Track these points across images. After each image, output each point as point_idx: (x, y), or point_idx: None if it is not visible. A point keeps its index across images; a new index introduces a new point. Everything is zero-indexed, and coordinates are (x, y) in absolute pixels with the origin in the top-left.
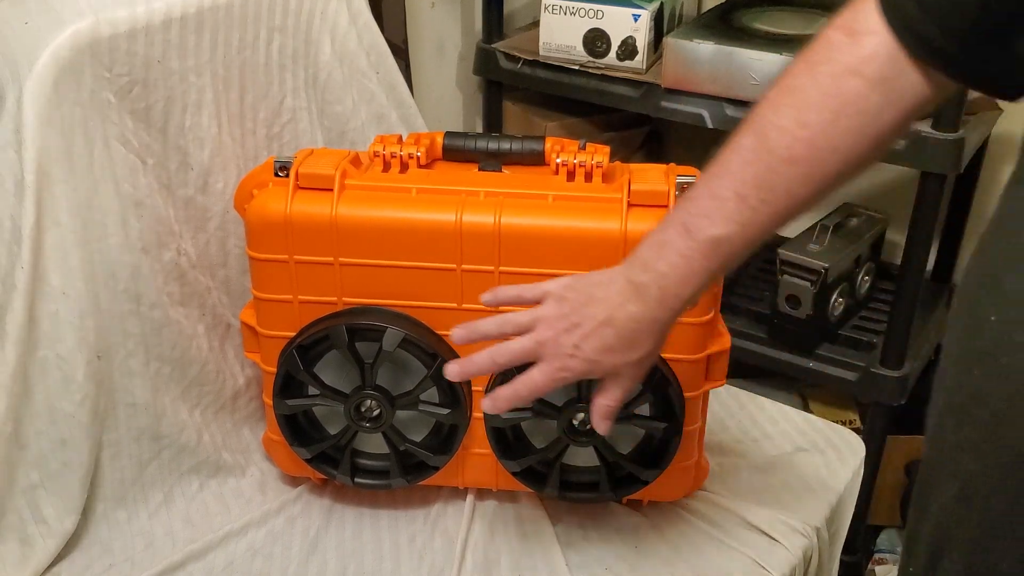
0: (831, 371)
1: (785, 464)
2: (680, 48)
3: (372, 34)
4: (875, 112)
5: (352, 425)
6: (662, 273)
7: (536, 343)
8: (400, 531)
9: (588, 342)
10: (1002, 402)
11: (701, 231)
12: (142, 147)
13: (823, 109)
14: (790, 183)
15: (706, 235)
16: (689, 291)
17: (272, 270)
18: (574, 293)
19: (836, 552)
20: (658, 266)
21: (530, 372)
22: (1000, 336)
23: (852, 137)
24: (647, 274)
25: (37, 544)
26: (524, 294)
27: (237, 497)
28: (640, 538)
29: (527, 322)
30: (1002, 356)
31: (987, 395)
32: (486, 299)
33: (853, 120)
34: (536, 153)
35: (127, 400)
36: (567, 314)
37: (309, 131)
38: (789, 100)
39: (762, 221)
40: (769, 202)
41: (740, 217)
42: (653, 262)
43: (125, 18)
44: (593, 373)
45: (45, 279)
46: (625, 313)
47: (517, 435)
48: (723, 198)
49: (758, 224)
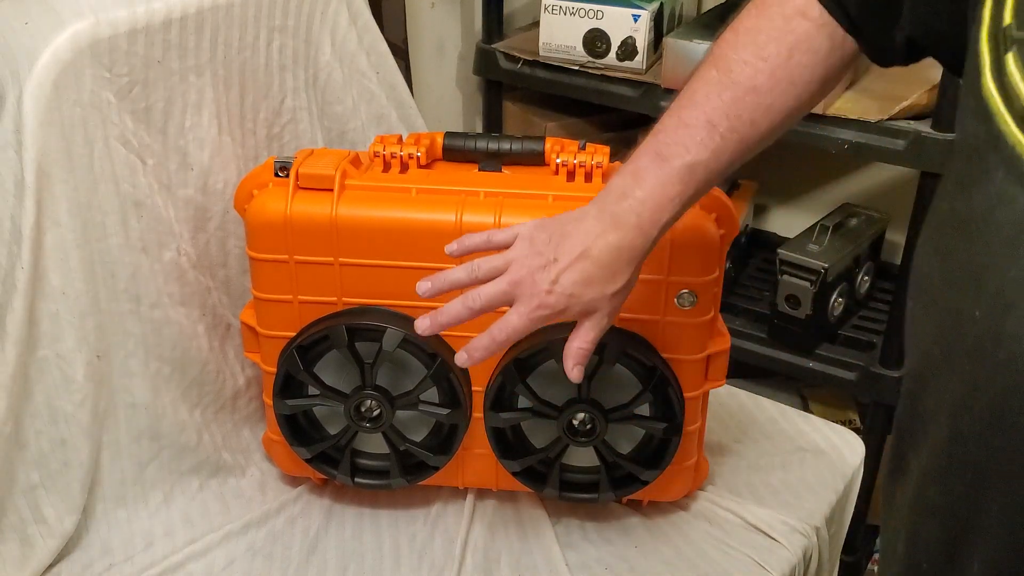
0: (831, 371)
1: (785, 464)
2: (680, 48)
3: (372, 34)
4: (824, 52)
5: (352, 425)
6: (639, 200)
7: (510, 283)
8: (400, 531)
9: (566, 275)
10: (1001, 392)
11: (676, 157)
12: (142, 147)
13: (780, 44)
14: (754, 112)
15: (682, 161)
16: (666, 216)
17: (272, 270)
18: (546, 232)
19: (836, 552)
20: (635, 193)
21: (506, 315)
22: (990, 330)
23: (807, 72)
24: (624, 202)
25: (37, 544)
26: (493, 238)
27: (237, 497)
28: (640, 538)
29: (500, 264)
30: (999, 351)
31: (985, 387)
32: (451, 249)
33: (805, 56)
34: (536, 153)
35: (127, 400)
36: (542, 251)
37: (309, 131)
38: (747, 39)
39: (730, 149)
40: (736, 129)
41: (712, 144)
42: (630, 189)
43: (125, 18)
44: (570, 310)
45: (45, 279)
46: (604, 242)
47: (517, 435)
48: (694, 126)
49: (727, 152)
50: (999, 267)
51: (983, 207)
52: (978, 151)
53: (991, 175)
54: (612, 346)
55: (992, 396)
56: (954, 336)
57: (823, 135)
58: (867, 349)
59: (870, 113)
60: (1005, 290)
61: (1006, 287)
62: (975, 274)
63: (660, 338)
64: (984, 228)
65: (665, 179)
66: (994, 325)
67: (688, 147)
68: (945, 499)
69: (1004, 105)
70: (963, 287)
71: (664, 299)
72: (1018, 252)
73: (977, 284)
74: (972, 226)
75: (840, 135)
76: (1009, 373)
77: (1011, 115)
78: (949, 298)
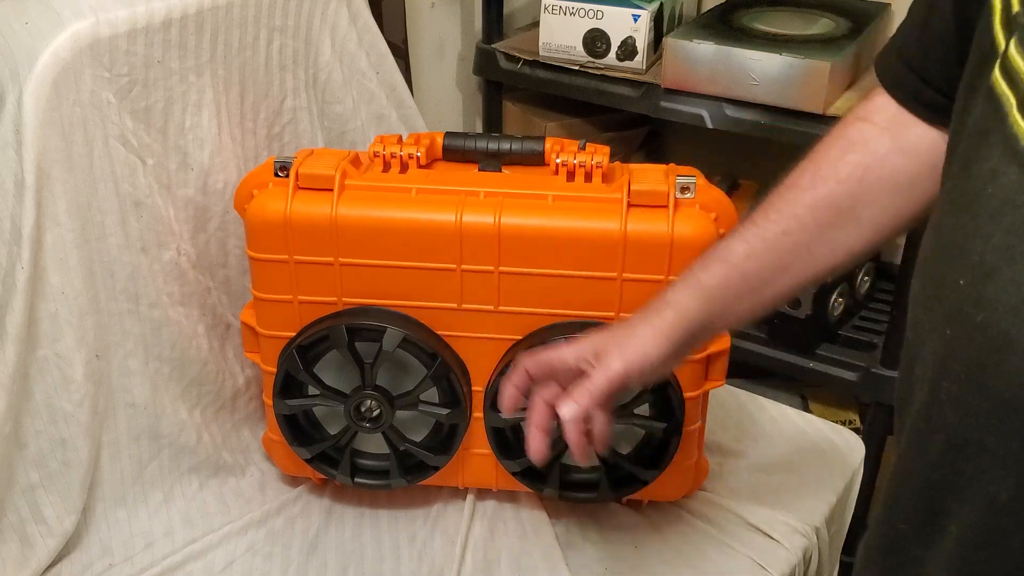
0: (831, 371)
1: (785, 464)
2: (680, 48)
3: (372, 34)
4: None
5: (352, 425)
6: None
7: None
8: (400, 531)
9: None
10: (980, 353)
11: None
12: (142, 147)
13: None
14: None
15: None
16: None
17: (272, 270)
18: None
19: (836, 552)
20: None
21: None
22: (971, 296)
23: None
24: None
25: (37, 544)
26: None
27: (237, 497)
28: (640, 538)
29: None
30: (978, 314)
31: (963, 349)
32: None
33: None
34: (536, 153)
35: (126, 400)
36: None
37: (309, 131)
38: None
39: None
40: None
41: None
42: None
43: (125, 18)
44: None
45: (44, 279)
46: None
47: (517, 435)
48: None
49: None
50: (983, 235)
51: (978, 183)
52: (983, 134)
53: (991, 153)
54: None
55: (968, 359)
56: (938, 302)
57: (823, 135)
58: (867, 349)
59: None
60: (987, 257)
61: (988, 254)
62: (961, 243)
63: None
64: (975, 201)
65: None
66: (975, 291)
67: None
68: (924, 462)
69: (1009, 88)
70: (950, 256)
71: None
72: (1002, 221)
73: (962, 252)
74: (966, 200)
75: None
76: (986, 336)
77: (1015, 97)
78: (937, 267)
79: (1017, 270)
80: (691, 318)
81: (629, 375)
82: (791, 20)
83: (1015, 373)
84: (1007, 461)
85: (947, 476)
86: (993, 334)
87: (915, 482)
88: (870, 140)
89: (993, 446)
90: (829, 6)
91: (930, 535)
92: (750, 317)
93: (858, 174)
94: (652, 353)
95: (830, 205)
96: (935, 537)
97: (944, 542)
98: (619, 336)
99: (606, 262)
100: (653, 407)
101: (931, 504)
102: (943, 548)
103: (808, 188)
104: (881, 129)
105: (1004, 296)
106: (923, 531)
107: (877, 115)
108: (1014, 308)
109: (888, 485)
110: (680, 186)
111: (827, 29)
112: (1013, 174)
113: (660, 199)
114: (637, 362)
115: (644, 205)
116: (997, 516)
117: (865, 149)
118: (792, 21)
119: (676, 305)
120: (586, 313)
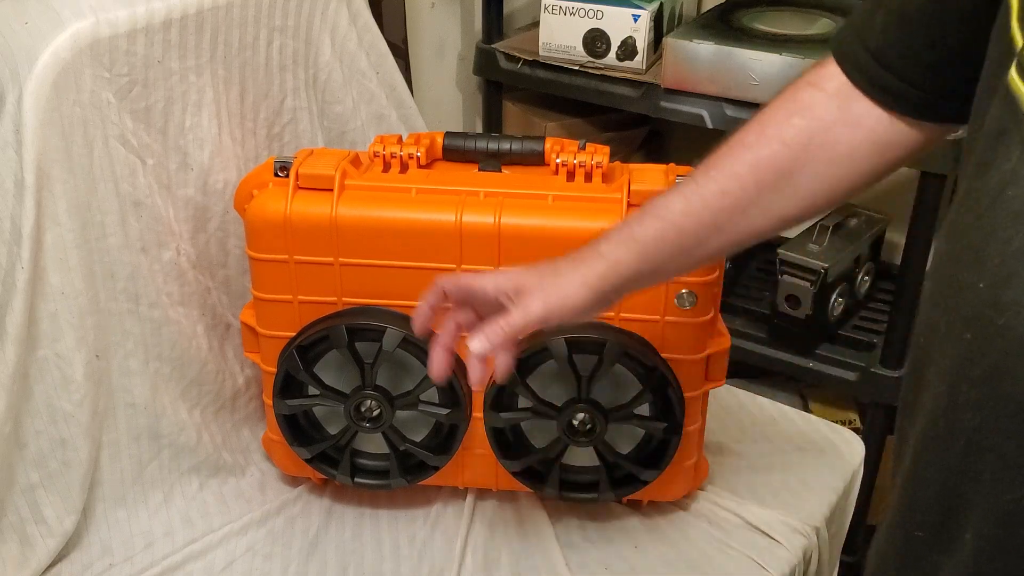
0: (831, 371)
1: (785, 464)
2: (680, 48)
3: (372, 34)
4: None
5: (352, 425)
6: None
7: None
8: (400, 531)
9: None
10: (1000, 357)
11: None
12: (142, 147)
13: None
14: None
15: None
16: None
17: (272, 270)
18: None
19: (836, 552)
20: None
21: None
22: (990, 299)
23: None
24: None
25: (37, 544)
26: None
27: (237, 497)
28: (640, 538)
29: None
30: (998, 317)
31: (982, 353)
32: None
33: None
34: (536, 153)
35: (126, 400)
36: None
37: (309, 131)
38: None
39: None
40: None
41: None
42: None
43: (125, 18)
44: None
45: (44, 279)
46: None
47: (517, 435)
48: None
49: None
50: (1003, 239)
51: (996, 185)
52: (1000, 134)
53: (1009, 155)
54: (612, 346)
55: (989, 363)
56: (956, 305)
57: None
58: (867, 349)
59: None
60: (1007, 260)
61: (1008, 258)
62: (979, 247)
63: (660, 338)
64: (994, 204)
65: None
66: (994, 294)
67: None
68: (940, 468)
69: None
70: (968, 259)
71: (664, 299)
72: (1022, 224)
73: (981, 256)
74: (984, 202)
75: None
76: (1006, 340)
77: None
78: (954, 270)
79: None
80: (621, 272)
81: (547, 320)
82: (791, 20)
83: None
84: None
85: (965, 482)
86: (1013, 338)
87: (932, 488)
88: (817, 106)
89: (1013, 452)
90: (829, 6)
91: (948, 541)
92: (675, 275)
93: (803, 139)
94: (575, 302)
95: (772, 167)
96: (953, 543)
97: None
98: (544, 278)
99: None
100: (653, 407)
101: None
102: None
103: (752, 146)
104: (829, 96)
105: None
106: (940, 537)
107: (827, 82)
108: None
109: (900, 491)
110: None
111: (827, 29)
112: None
113: None
114: (557, 308)
115: None
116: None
117: (812, 114)
118: (792, 21)
119: (608, 256)
120: None
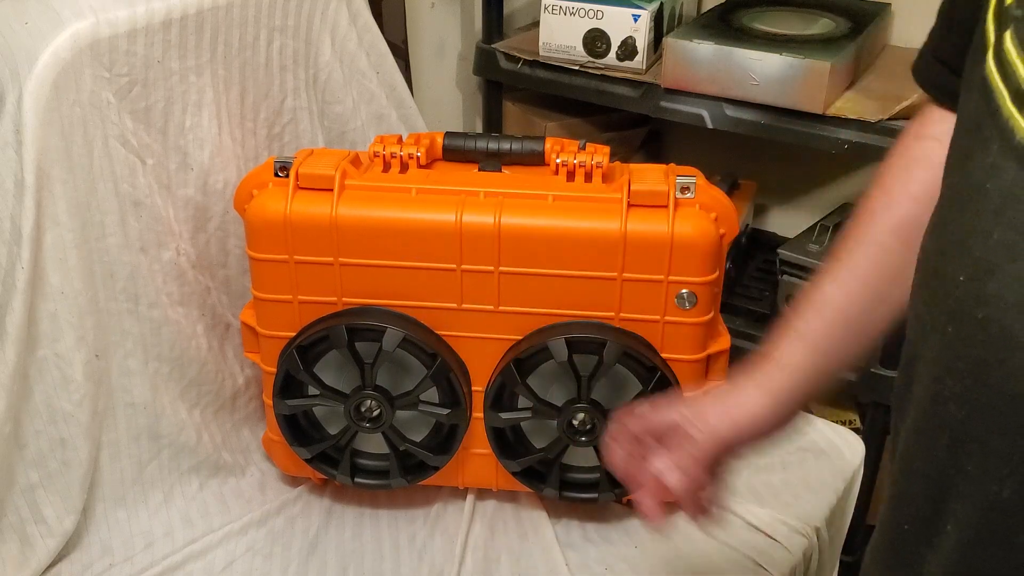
0: None
1: (785, 464)
2: (680, 48)
3: (372, 34)
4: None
5: (352, 425)
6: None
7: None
8: (400, 531)
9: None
10: (982, 350)
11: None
12: (141, 147)
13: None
14: None
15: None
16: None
17: (272, 270)
18: None
19: (836, 552)
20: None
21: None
22: (972, 292)
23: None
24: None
25: (37, 544)
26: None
27: (237, 497)
28: (640, 538)
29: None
30: (979, 311)
31: (965, 346)
32: None
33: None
34: (536, 153)
35: (126, 400)
36: None
37: (309, 131)
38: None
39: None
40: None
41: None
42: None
43: (125, 18)
44: None
45: (44, 279)
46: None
47: (517, 435)
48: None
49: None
50: (984, 232)
51: (977, 179)
52: (978, 126)
53: (987, 148)
54: (612, 346)
55: (971, 356)
56: (939, 299)
57: (823, 135)
58: None
59: (870, 113)
60: (989, 254)
61: (989, 251)
62: (962, 240)
63: (660, 338)
64: (975, 198)
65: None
66: (976, 287)
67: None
68: (927, 461)
69: (1001, 81)
70: (951, 253)
71: (664, 299)
72: (1003, 218)
73: (963, 250)
74: (965, 196)
75: (840, 135)
76: (988, 333)
77: (1007, 90)
78: (938, 265)
79: (1019, 267)
80: (797, 372)
81: (736, 436)
82: (791, 20)
83: (1018, 370)
84: (1012, 458)
85: (951, 474)
86: (995, 331)
87: (920, 482)
88: (932, 155)
89: (996, 443)
90: (829, 6)
91: (933, 534)
92: (856, 360)
93: (930, 190)
94: (755, 409)
95: (911, 224)
96: (938, 535)
97: (945, 540)
98: (724, 397)
99: (606, 262)
100: None
101: (934, 502)
102: (944, 546)
103: (884, 212)
104: (940, 143)
105: (1006, 293)
106: (926, 530)
107: (932, 128)
108: (1016, 305)
109: (891, 486)
110: (680, 186)
111: (827, 29)
112: (1012, 170)
113: (660, 199)
114: (746, 424)
115: (644, 205)
116: (999, 514)
117: (930, 163)
118: (792, 21)
119: (780, 360)
120: (586, 313)
